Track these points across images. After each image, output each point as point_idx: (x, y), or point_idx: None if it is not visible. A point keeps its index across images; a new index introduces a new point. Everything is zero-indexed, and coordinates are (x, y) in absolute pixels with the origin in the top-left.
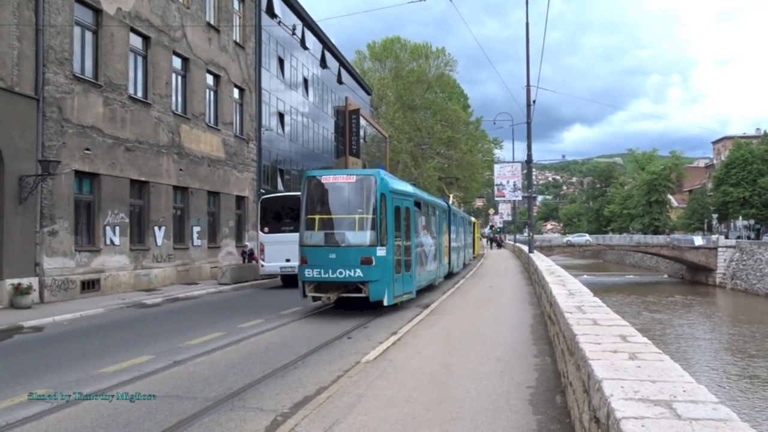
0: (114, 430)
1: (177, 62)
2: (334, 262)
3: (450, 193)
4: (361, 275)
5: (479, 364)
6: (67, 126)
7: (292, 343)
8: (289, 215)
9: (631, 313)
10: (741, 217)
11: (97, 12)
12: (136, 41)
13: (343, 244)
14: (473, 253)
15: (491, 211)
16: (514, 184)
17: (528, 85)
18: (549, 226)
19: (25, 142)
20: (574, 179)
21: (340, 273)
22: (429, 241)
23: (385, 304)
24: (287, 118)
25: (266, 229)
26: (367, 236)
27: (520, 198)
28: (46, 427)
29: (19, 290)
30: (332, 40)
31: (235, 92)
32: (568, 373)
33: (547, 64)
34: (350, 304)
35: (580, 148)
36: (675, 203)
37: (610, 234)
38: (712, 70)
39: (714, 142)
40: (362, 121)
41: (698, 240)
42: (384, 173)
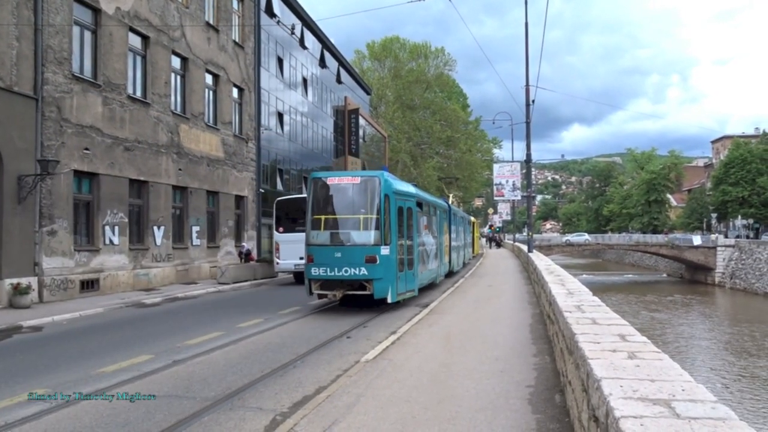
0: (113, 429)
1: (176, 62)
2: (339, 261)
3: (450, 193)
4: (366, 273)
5: (478, 364)
6: (66, 126)
7: (291, 343)
8: (303, 216)
9: (631, 313)
10: (740, 217)
11: (96, 11)
12: (135, 41)
13: (348, 244)
14: (473, 253)
15: (490, 211)
16: (514, 184)
17: (527, 85)
18: (548, 226)
19: (24, 142)
20: (574, 179)
21: (346, 271)
22: (430, 241)
23: (389, 301)
24: (286, 118)
25: (281, 229)
26: (371, 236)
27: (519, 197)
28: (45, 426)
29: (18, 290)
30: (331, 40)
31: (235, 92)
32: (568, 372)
33: (546, 63)
34: (355, 301)
35: (579, 147)
36: (674, 202)
37: (610, 233)
38: (711, 69)
39: (713, 142)
40: (361, 121)
41: (697, 239)
42: (388, 175)
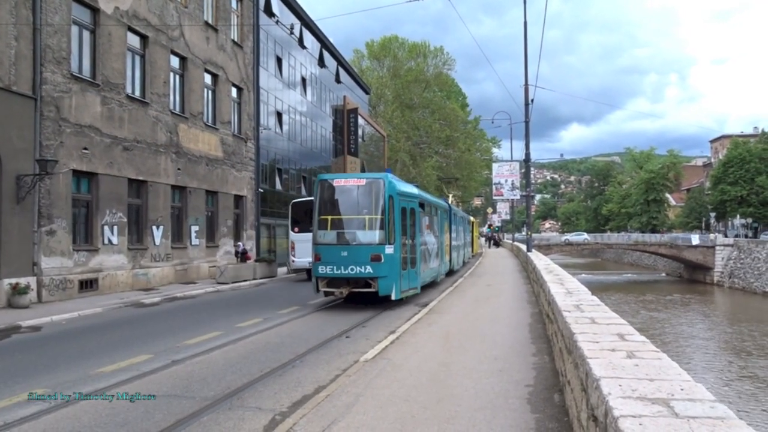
0: (112, 429)
1: (175, 61)
2: (345, 260)
3: (449, 193)
4: (371, 271)
5: (478, 363)
6: (65, 125)
7: (290, 343)
8: None
9: (630, 312)
10: (739, 216)
11: (95, 11)
12: (134, 40)
13: (354, 243)
14: (472, 252)
15: (489, 210)
16: (513, 183)
17: (526, 84)
18: (547, 225)
19: (23, 142)
20: (572, 178)
21: (352, 269)
22: (432, 240)
23: (393, 298)
24: (285, 117)
25: (296, 229)
26: (376, 235)
27: (519, 197)
28: (45, 426)
29: (17, 290)
30: (330, 39)
31: (233, 91)
32: (567, 372)
33: (544, 63)
34: (360, 298)
35: (578, 146)
36: (673, 202)
37: (609, 233)
38: (709, 69)
39: (712, 141)
40: (360, 120)
41: (696, 239)
42: (391, 176)
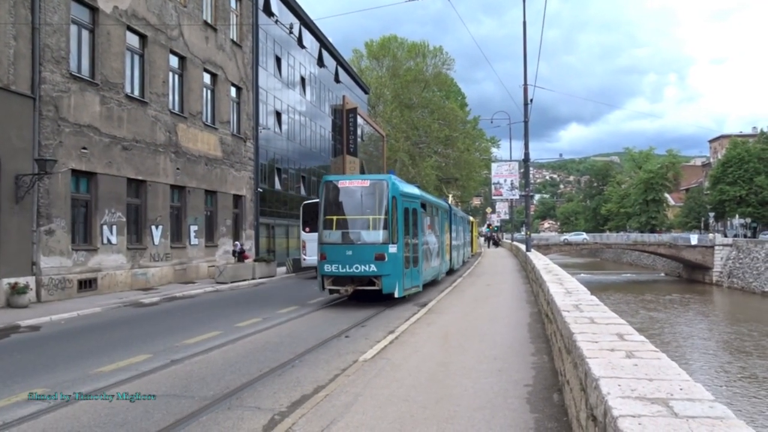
0: (111, 429)
1: (174, 61)
2: (350, 258)
3: (449, 193)
4: (375, 270)
5: (477, 363)
6: (64, 125)
7: (289, 342)
8: None
9: (629, 312)
10: (738, 216)
11: (94, 10)
12: (133, 40)
13: (358, 242)
14: (471, 252)
15: (488, 210)
16: (512, 183)
17: (525, 84)
18: (546, 225)
19: (22, 141)
20: (572, 178)
21: (356, 268)
22: (433, 240)
23: (396, 296)
24: (284, 117)
25: (307, 229)
26: (380, 235)
27: (518, 197)
28: (44, 426)
29: (16, 289)
30: (329, 39)
31: (233, 91)
32: (566, 372)
33: (544, 63)
34: (364, 296)
35: (577, 146)
36: (672, 202)
37: (608, 232)
38: (708, 69)
39: (711, 141)
40: (359, 120)
41: (695, 238)
42: (395, 178)
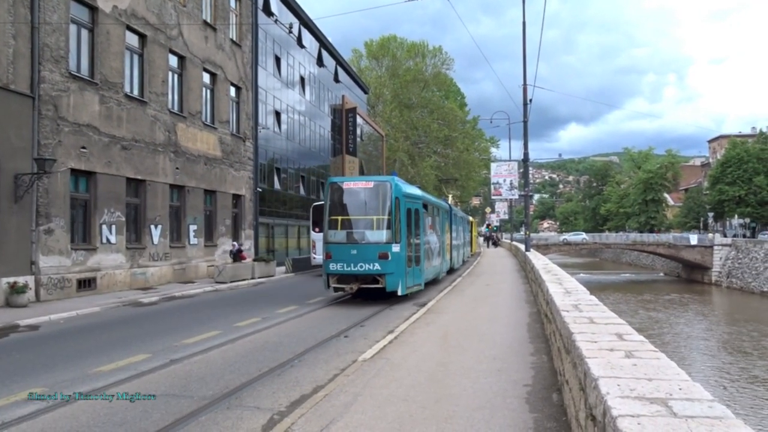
0: (110, 428)
1: (173, 60)
2: (354, 257)
3: (448, 193)
4: (379, 268)
5: (476, 363)
6: (63, 124)
7: (288, 342)
8: None
9: (628, 312)
10: (737, 216)
11: (93, 10)
12: (132, 39)
13: (362, 242)
14: (471, 251)
15: (488, 210)
16: (511, 183)
17: (524, 84)
18: (546, 225)
19: (21, 141)
20: (571, 178)
21: (361, 267)
22: (435, 240)
23: (399, 294)
24: (284, 117)
25: (317, 229)
26: (383, 235)
27: (517, 196)
28: (43, 426)
29: (15, 289)
30: (329, 39)
31: (232, 90)
32: (565, 372)
33: (543, 63)
34: (367, 294)
35: (576, 146)
36: (671, 202)
37: (607, 232)
38: (707, 69)
39: (710, 141)
40: (359, 120)
41: (694, 238)
42: (397, 179)
